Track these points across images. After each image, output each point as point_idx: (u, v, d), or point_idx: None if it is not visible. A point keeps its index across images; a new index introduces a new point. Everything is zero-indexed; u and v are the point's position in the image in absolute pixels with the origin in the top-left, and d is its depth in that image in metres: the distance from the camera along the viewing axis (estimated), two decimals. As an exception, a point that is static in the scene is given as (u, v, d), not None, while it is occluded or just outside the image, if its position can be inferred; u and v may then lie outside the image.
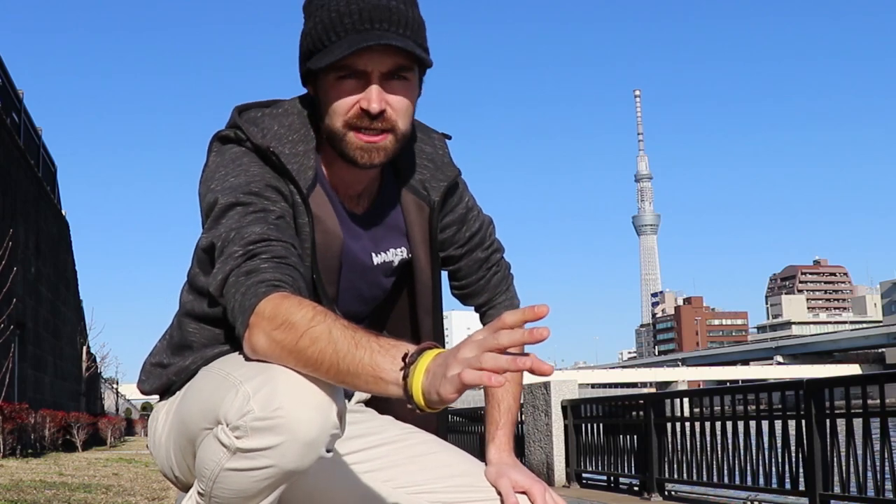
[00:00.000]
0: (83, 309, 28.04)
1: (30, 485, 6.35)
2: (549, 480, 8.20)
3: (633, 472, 7.39)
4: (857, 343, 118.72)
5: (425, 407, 1.21)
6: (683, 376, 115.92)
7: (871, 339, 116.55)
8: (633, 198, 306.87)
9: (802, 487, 5.38)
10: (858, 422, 4.95)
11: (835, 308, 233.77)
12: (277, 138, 1.56)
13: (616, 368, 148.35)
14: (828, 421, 5.24)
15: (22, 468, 8.84)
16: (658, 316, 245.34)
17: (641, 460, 7.17)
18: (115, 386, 52.14)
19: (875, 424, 4.88)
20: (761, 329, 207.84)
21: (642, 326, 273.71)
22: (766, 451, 5.74)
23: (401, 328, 1.76)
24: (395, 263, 1.70)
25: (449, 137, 1.77)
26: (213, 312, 1.56)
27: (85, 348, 26.21)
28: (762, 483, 5.84)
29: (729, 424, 6.22)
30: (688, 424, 6.62)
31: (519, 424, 8.85)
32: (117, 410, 51.65)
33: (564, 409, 8.44)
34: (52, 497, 5.40)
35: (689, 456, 6.57)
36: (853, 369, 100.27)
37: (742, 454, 5.99)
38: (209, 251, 1.48)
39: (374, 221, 1.67)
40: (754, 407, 6.07)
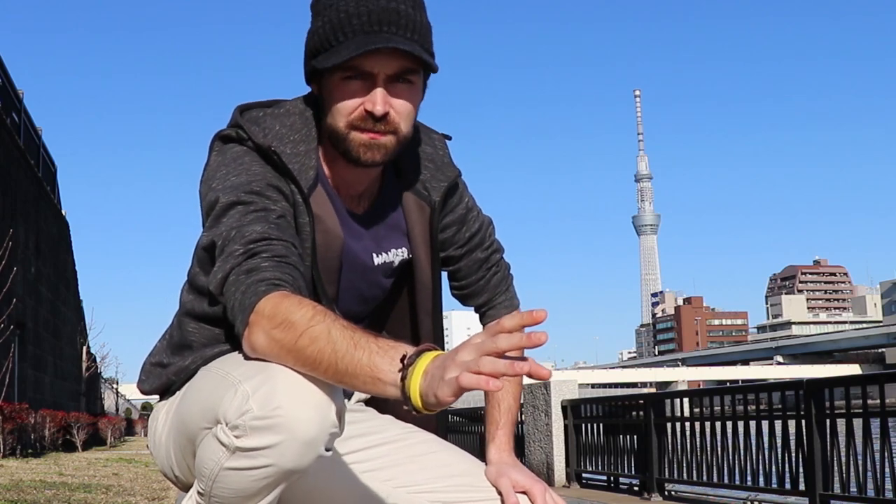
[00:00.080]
0: (83, 309, 28.05)
1: (30, 485, 6.35)
2: (549, 480, 8.20)
3: (633, 472, 7.39)
4: (857, 343, 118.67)
5: (422, 409, 1.21)
6: (683, 376, 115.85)
7: (871, 339, 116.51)
8: (633, 198, 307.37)
9: (802, 487, 5.39)
10: (858, 422, 4.95)
11: (835, 308, 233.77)
12: (279, 138, 1.56)
13: (616, 368, 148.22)
14: (828, 421, 5.24)
15: (22, 468, 8.84)
16: (658, 316, 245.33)
17: (641, 460, 7.17)
18: (115, 386, 52.14)
19: (875, 424, 4.88)
20: (761, 329, 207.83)
21: (642, 326, 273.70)
22: (766, 451, 5.74)
23: (400, 329, 1.76)
24: (396, 264, 1.70)
25: (449, 138, 1.77)
26: (213, 312, 1.56)
27: (85, 348, 26.22)
28: (762, 483, 5.84)
29: (729, 424, 6.22)
30: (688, 424, 6.62)
31: (519, 424, 8.85)
32: (117, 410, 51.63)
33: (564, 409, 8.45)
34: (52, 497, 5.40)
35: (689, 456, 6.57)
36: (853, 369, 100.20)
37: (742, 454, 5.99)
38: (210, 250, 1.48)
39: (375, 221, 1.67)
40: (754, 407, 6.07)
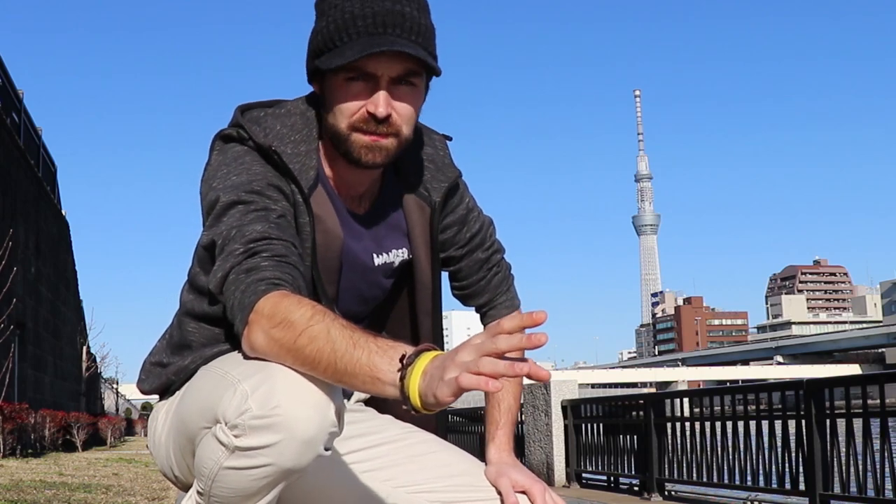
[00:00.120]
0: (83, 309, 28.05)
1: (30, 485, 6.35)
2: (549, 480, 8.20)
3: (633, 472, 7.39)
4: (857, 343, 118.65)
5: (421, 409, 1.21)
6: (683, 376, 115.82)
7: (871, 339, 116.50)
8: (633, 198, 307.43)
9: (802, 487, 5.39)
10: (858, 422, 4.95)
11: (835, 308, 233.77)
12: (279, 138, 1.56)
13: (616, 368, 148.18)
14: (828, 421, 5.24)
15: (22, 468, 8.84)
16: (658, 316, 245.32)
17: (641, 460, 7.17)
18: (115, 386, 52.13)
19: (875, 424, 4.88)
20: (761, 329, 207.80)
21: (642, 326, 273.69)
22: (766, 451, 5.74)
23: (400, 329, 1.76)
24: (396, 264, 1.70)
25: (450, 139, 1.77)
26: (213, 311, 1.56)
27: (85, 348, 26.22)
28: (762, 483, 5.84)
29: (729, 424, 6.22)
30: (688, 424, 6.62)
31: (519, 424, 8.85)
32: (117, 410, 51.63)
33: (564, 409, 8.45)
34: (52, 497, 5.40)
35: (689, 456, 6.57)
36: (853, 369, 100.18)
37: (742, 454, 5.99)
38: (210, 249, 1.48)
39: (376, 222, 1.67)
40: (754, 407, 6.07)
